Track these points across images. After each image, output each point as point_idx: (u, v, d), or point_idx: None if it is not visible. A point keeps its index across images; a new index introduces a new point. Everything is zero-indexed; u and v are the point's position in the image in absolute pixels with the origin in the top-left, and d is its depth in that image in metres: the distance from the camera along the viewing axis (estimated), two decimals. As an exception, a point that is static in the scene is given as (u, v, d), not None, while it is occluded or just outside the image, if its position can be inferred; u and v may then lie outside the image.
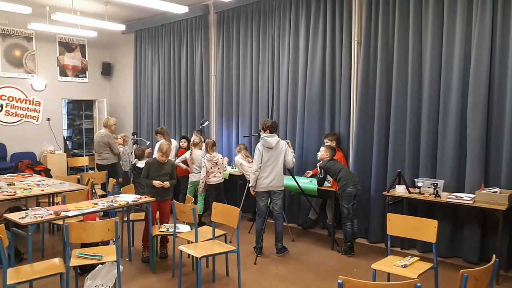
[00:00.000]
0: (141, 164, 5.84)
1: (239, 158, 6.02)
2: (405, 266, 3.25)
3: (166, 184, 4.53)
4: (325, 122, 5.66)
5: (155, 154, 5.02)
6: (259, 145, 4.68)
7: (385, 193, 4.70)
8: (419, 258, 3.41)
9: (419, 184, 4.49)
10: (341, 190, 4.71)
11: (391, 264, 3.31)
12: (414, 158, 4.84)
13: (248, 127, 6.61)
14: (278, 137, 4.74)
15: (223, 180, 5.91)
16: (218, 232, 4.13)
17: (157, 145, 5.12)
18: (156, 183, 4.49)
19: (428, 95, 4.67)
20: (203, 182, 5.69)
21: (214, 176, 5.74)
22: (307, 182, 5.29)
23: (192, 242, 3.97)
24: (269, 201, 4.77)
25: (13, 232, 3.80)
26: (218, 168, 5.77)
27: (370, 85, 5.18)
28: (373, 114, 5.15)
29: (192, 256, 4.03)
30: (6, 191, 4.66)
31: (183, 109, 7.72)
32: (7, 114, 8.02)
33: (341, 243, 4.87)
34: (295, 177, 5.15)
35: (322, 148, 5.03)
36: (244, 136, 6.46)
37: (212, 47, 7.24)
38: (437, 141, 4.67)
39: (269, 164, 4.61)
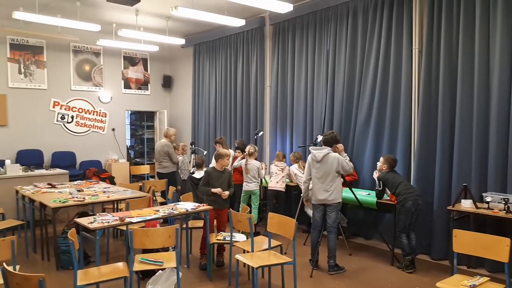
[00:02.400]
0: (198, 174, 6.01)
1: (294, 169, 6.02)
2: (474, 287, 3.05)
3: (227, 193, 4.63)
4: (384, 133, 5.49)
5: (212, 164, 5.15)
6: (309, 157, 4.66)
7: (449, 207, 4.45)
8: (489, 278, 3.19)
9: (488, 199, 4.20)
10: (400, 204, 4.54)
11: (458, 283, 3.12)
12: (482, 171, 4.54)
13: (302, 137, 6.59)
14: (330, 149, 4.57)
15: (282, 189, 5.94)
16: (274, 242, 4.13)
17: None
18: (217, 190, 4.59)
19: (497, 105, 4.37)
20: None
21: (276, 182, 5.94)
22: (365, 195, 5.15)
23: (248, 252, 4.01)
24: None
25: (82, 236, 4.06)
26: (282, 177, 5.97)
27: (432, 94, 4.97)
28: (435, 124, 4.92)
29: (248, 265, 4.06)
30: (76, 197, 4.99)
31: (238, 119, 7.87)
32: (77, 124, 8.63)
33: (402, 259, 4.67)
34: (353, 189, 5.04)
35: (380, 159, 4.89)
36: (298, 147, 6.44)
37: (268, 59, 7.33)
38: (507, 153, 4.35)
39: (319, 177, 4.51)
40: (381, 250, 5.32)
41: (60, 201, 4.75)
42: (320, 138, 4.78)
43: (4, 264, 2.68)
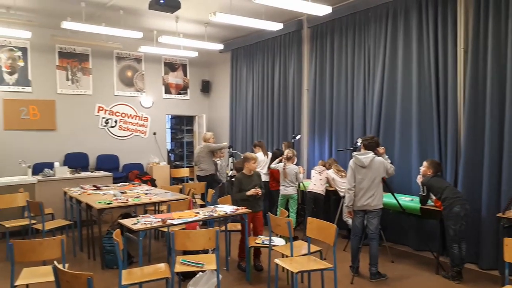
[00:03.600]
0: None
1: (331, 173, 5.94)
2: (528, 299, 2.87)
3: (259, 190, 4.64)
4: (428, 136, 5.31)
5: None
6: (351, 163, 4.49)
7: (499, 214, 4.22)
8: (545, 291, 3.00)
9: (542, 206, 3.96)
10: (447, 210, 4.35)
11: (510, 295, 2.96)
12: (535, 177, 4.29)
13: (342, 141, 6.49)
14: (375, 154, 4.48)
15: (322, 193, 5.88)
16: (313, 248, 4.08)
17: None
18: (251, 191, 4.61)
19: (552, 106, 4.13)
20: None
21: (314, 184, 5.89)
22: (409, 200, 4.99)
23: (287, 256, 3.98)
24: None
25: (126, 237, 4.19)
26: (320, 180, 5.91)
27: (479, 95, 4.75)
28: (483, 127, 4.70)
29: (287, 270, 4.04)
30: (120, 199, 5.16)
31: (275, 123, 7.87)
32: (120, 128, 8.94)
33: (447, 267, 4.48)
34: (395, 194, 4.90)
35: (424, 163, 4.72)
36: (338, 150, 6.35)
37: (305, 62, 7.29)
38: None
39: (364, 185, 4.37)
40: (425, 258, 5.13)
41: (105, 203, 4.94)
42: (360, 142, 4.67)
43: (55, 262, 2.81)
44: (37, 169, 7.10)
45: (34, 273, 3.48)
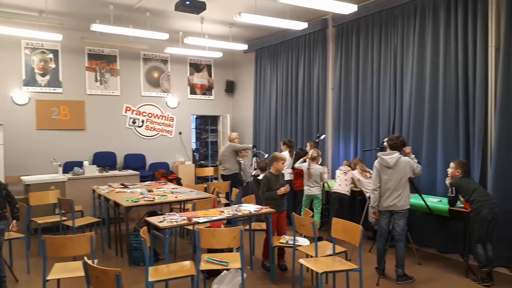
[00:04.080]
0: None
1: (356, 173, 5.87)
2: None
3: (289, 188, 4.68)
4: (456, 136, 5.17)
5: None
6: (376, 163, 4.42)
7: (533, 217, 4.08)
8: None
9: None
10: (474, 212, 4.23)
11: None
12: None
13: (368, 141, 6.40)
14: (400, 154, 4.39)
15: (347, 193, 5.83)
16: (338, 248, 4.04)
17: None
18: (281, 190, 4.63)
19: None
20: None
21: (339, 184, 5.86)
22: (436, 202, 4.88)
23: (311, 256, 3.96)
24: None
25: (153, 234, 4.27)
26: (345, 180, 5.87)
27: (511, 95, 4.59)
28: (516, 127, 4.54)
29: (312, 270, 4.02)
30: (147, 197, 5.26)
31: (299, 122, 7.84)
32: (147, 128, 9.11)
33: (477, 270, 4.35)
34: (423, 195, 4.79)
35: (452, 164, 4.60)
36: (363, 150, 6.27)
37: (330, 61, 7.23)
38: None
39: (390, 185, 4.30)
40: (453, 261, 5.00)
41: (132, 201, 5.04)
42: (385, 142, 4.59)
43: (85, 257, 2.89)
44: (68, 167, 7.32)
45: (65, 268, 3.60)
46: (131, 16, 7.04)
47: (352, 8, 5.17)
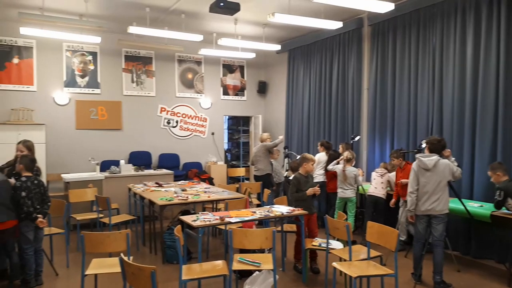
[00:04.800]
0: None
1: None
2: None
3: (318, 189, 4.61)
4: (494, 140, 4.95)
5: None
6: (414, 165, 4.27)
7: None
8: None
9: None
10: (521, 218, 4.02)
11: None
12: None
13: (404, 143, 6.22)
14: (439, 156, 4.23)
15: (382, 196, 5.70)
16: (373, 253, 3.94)
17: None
18: (310, 191, 4.57)
19: None
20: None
21: (375, 187, 5.74)
22: (477, 206, 4.67)
23: (344, 260, 3.89)
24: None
25: (186, 233, 4.32)
26: (381, 183, 5.75)
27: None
28: None
29: (345, 274, 3.94)
30: (181, 196, 5.34)
31: (333, 123, 7.73)
32: (181, 129, 9.26)
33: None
34: (463, 200, 4.60)
35: (492, 167, 4.41)
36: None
37: (365, 61, 7.09)
38: None
39: (428, 188, 4.14)
40: (495, 269, 4.77)
41: (166, 199, 5.13)
42: (424, 143, 4.44)
43: (122, 254, 2.96)
44: (104, 166, 7.55)
45: (102, 264, 3.70)
46: (166, 18, 7.17)
47: (389, 7, 5.04)
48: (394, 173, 5.71)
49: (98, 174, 6.93)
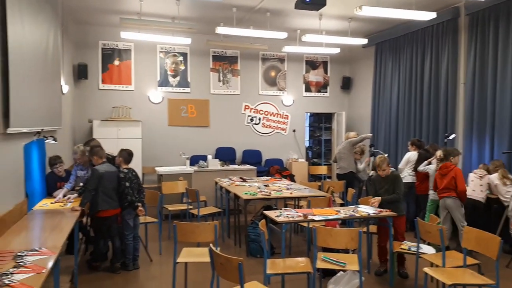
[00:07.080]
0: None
1: (494, 178, 5.21)
2: None
3: (378, 201, 4.38)
4: None
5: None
6: None
7: None
8: None
9: None
10: None
11: None
12: None
13: (507, 142, 5.63)
14: None
15: (481, 200, 5.26)
16: (470, 260, 3.64)
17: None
18: (371, 201, 4.43)
19: None
20: None
21: (473, 190, 5.32)
22: None
23: (437, 266, 3.64)
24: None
25: (270, 228, 4.39)
26: (481, 185, 5.30)
27: None
28: None
29: (437, 281, 3.69)
30: (264, 191, 5.43)
31: (424, 120, 7.26)
32: (263, 126, 9.43)
33: None
34: None
35: None
36: (502, 152, 5.54)
37: (462, 53, 6.54)
38: None
39: None
40: None
41: (250, 194, 5.26)
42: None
43: (211, 244, 3.10)
44: (193, 160, 7.96)
45: (192, 253, 3.91)
46: (251, 17, 7.32)
47: (492, -8, 4.60)
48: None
49: (188, 168, 7.33)
